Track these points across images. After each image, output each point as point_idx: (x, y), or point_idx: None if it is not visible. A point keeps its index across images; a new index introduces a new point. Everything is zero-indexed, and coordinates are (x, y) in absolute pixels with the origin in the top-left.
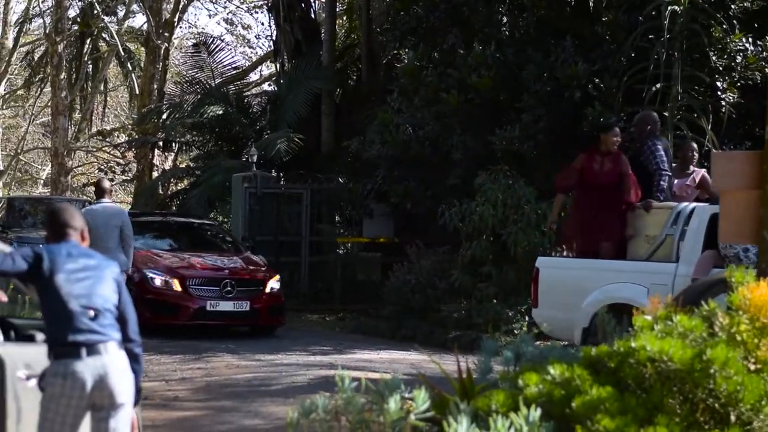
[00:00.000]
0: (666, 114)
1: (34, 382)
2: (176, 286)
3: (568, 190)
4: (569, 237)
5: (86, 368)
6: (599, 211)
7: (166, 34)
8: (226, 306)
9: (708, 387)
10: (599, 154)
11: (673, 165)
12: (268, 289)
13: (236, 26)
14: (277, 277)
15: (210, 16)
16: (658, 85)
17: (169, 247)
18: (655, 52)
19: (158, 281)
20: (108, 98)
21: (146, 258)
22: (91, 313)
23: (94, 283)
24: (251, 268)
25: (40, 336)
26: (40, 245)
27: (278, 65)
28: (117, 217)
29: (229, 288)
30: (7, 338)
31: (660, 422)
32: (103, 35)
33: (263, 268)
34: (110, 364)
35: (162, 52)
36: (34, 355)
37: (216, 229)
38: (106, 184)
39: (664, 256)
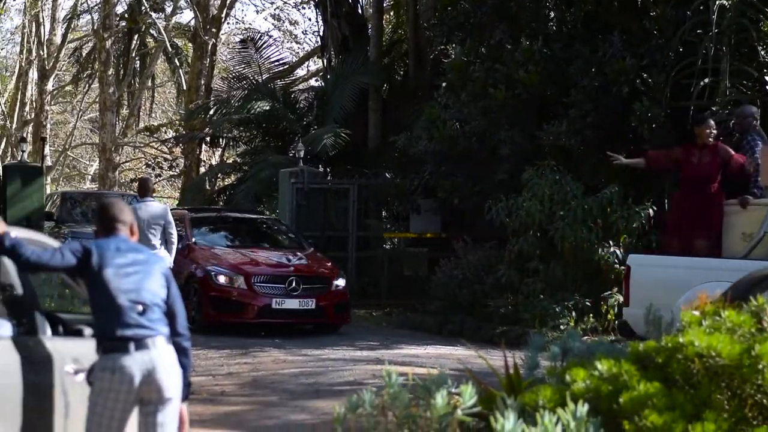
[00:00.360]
0: (714, 108)
1: (82, 376)
2: (241, 283)
3: (651, 164)
4: (668, 233)
5: (134, 363)
6: (696, 205)
7: (214, 30)
8: (291, 304)
9: (756, 382)
10: (696, 148)
11: None
12: (333, 287)
13: (283, 22)
14: (343, 274)
15: (257, 11)
16: (707, 80)
17: (232, 243)
18: (703, 46)
19: (222, 278)
20: (155, 94)
21: (209, 255)
22: (140, 307)
23: (143, 277)
24: (317, 265)
25: (87, 330)
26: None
27: (325, 61)
28: (160, 215)
29: (294, 285)
30: (55, 333)
31: (708, 418)
32: (151, 31)
33: (328, 265)
34: (158, 358)
35: (209, 48)
36: (82, 349)
37: (277, 224)
38: (150, 182)
39: (763, 254)
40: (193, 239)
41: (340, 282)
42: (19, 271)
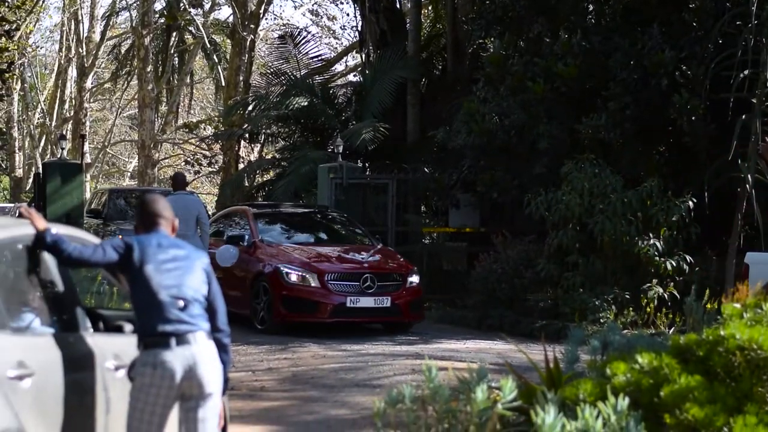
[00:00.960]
0: (754, 100)
1: (122, 372)
2: (314, 281)
3: None
4: None
5: (176, 358)
6: None
7: (252, 26)
8: (366, 302)
9: None
10: None
11: None
12: (408, 284)
13: (321, 17)
14: (416, 270)
15: (295, 7)
16: (746, 72)
17: (298, 239)
18: (742, 38)
19: (294, 277)
20: (194, 90)
21: (277, 252)
22: (181, 303)
23: (184, 273)
24: (390, 261)
25: (128, 327)
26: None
27: (363, 55)
28: (194, 207)
29: (369, 283)
30: (95, 329)
31: (750, 411)
32: (189, 28)
33: (401, 261)
34: (199, 353)
35: (248, 44)
36: (123, 345)
37: (341, 217)
38: (184, 176)
39: None
40: (259, 236)
41: (415, 278)
42: (59, 267)
